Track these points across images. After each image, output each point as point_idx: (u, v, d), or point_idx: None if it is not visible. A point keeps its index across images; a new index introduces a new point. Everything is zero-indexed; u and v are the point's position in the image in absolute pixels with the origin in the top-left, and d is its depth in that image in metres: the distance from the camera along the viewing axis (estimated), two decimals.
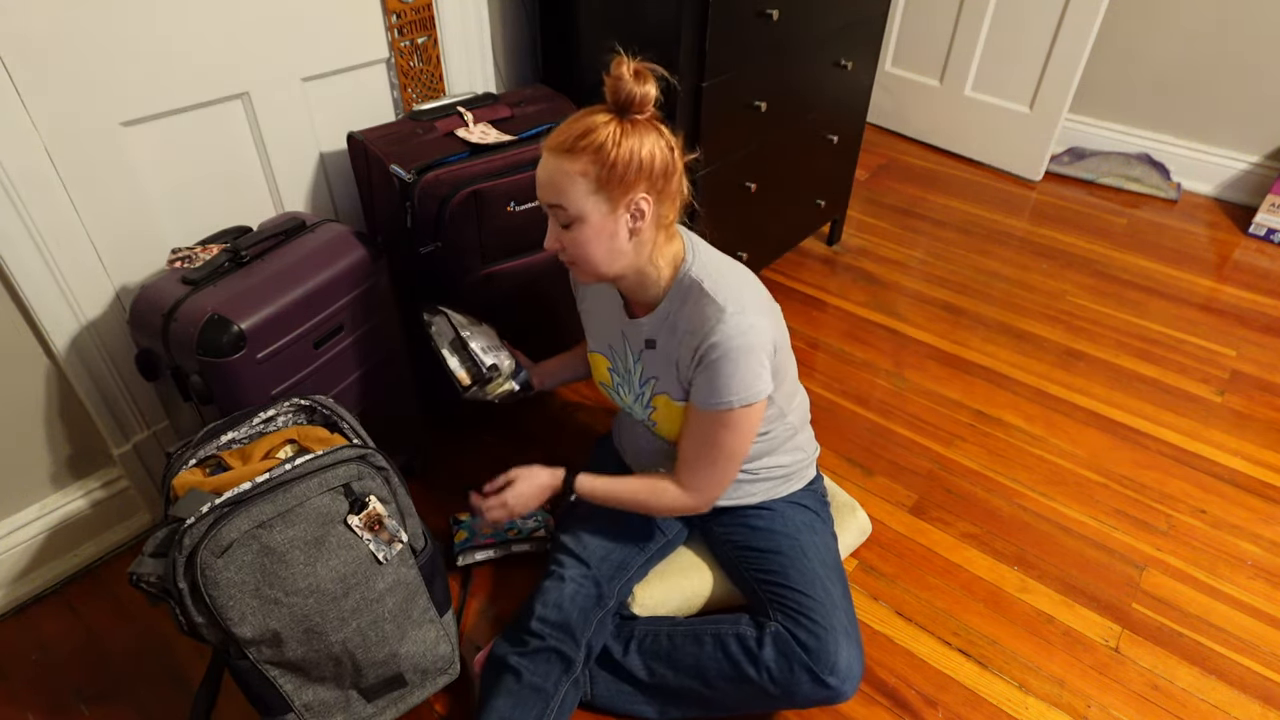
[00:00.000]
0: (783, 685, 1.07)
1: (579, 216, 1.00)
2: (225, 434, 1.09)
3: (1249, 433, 1.75)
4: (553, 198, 1.01)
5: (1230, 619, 1.38)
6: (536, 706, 1.09)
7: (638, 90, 0.95)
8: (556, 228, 1.03)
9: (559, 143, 0.99)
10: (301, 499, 0.96)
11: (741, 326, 1.01)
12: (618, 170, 0.97)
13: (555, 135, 1.00)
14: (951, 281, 2.24)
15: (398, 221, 1.38)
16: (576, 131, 0.97)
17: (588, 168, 0.97)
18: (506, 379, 1.31)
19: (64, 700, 1.23)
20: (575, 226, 1.01)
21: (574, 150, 0.97)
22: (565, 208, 1.00)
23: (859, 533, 1.44)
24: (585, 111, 0.99)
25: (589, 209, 0.99)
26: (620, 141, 0.96)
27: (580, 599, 1.16)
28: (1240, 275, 2.29)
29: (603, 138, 0.96)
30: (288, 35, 1.37)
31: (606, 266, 1.04)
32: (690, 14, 1.46)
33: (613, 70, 0.96)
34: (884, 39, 2.07)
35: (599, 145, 0.96)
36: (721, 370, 1.02)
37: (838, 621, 1.09)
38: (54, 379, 1.30)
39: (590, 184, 0.97)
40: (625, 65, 0.96)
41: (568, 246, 1.03)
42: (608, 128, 0.96)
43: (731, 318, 1.01)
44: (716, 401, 1.04)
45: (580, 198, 0.98)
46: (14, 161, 1.11)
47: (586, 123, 0.97)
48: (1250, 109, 2.50)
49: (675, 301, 1.08)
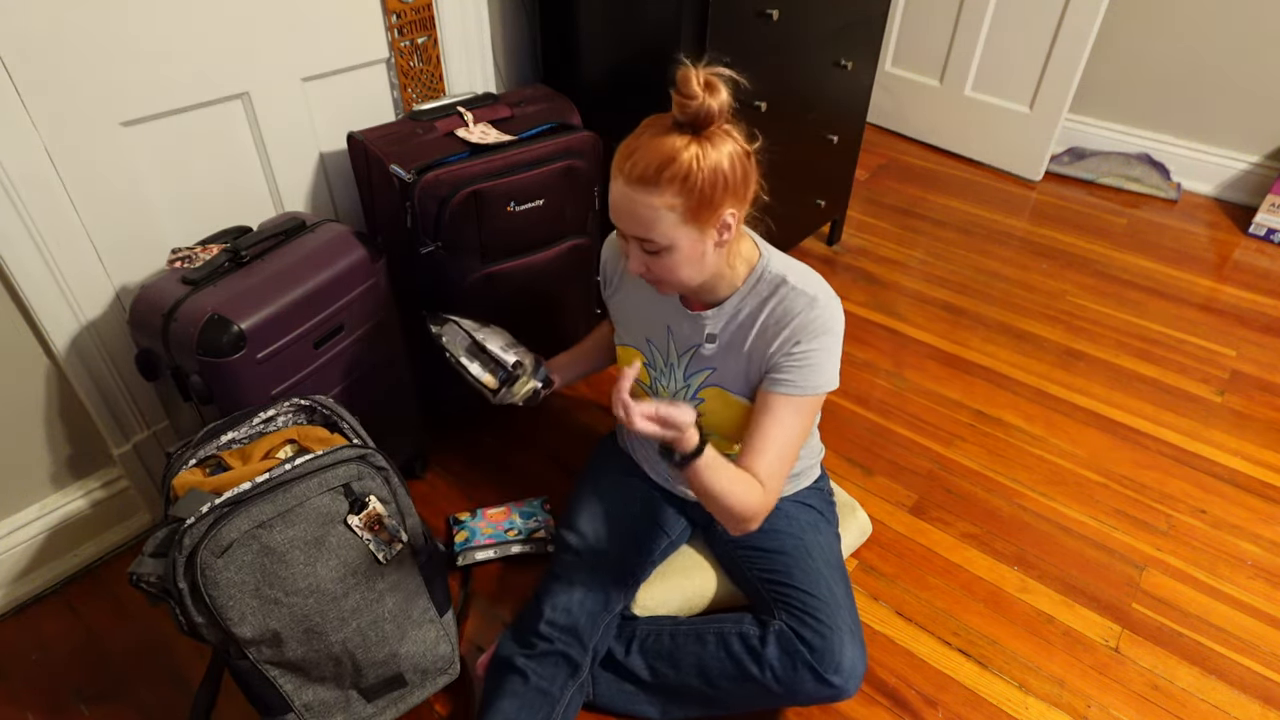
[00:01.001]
0: (786, 684, 1.07)
1: (669, 247, 0.95)
2: (225, 434, 1.08)
3: (1249, 433, 1.75)
4: (637, 231, 0.95)
5: (1230, 619, 1.38)
6: (542, 710, 1.09)
7: (714, 104, 0.89)
8: (640, 253, 0.98)
9: (638, 175, 0.91)
10: (301, 499, 0.96)
11: (832, 312, 1.03)
12: (706, 196, 0.92)
13: (630, 163, 0.92)
14: (951, 281, 2.24)
15: (398, 221, 1.38)
16: (656, 161, 0.90)
17: (675, 201, 0.92)
18: (530, 377, 1.25)
19: (64, 700, 1.23)
20: (664, 254, 0.96)
21: (657, 183, 0.91)
22: (654, 240, 0.95)
23: (859, 533, 1.44)
24: (653, 130, 0.93)
25: (679, 238, 0.95)
26: (704, 165, 0.90)
27: (589, 603, 1.16)
28: (1240, 275, 2.29)
29: (687, 166, 0.90)
30: (288, 35, 1.37)
31: (694, 282, 1.02)
32: (690, 14, 1.46)
33: (681, 87, 0.88)
34: (884, 39, 2.07)
35: (685, 175, 0.90)
36: (816, 355, 1.03)
37: (842, 620, 1.09)
38: (54, 379, 1.30)
39: (679, 216, 0.93)
40: (695, 79, 0.88)
41: (654, 269, 0.99)
42: (689, 152, 0.90)
43: (823, 306, 1.03)
44: (806, 386, 1.03)
45: (669, 229, 0.94)
46: (14, 161, 1.11)
47: (665, 150, 0.90)
48: (1250, 109, 2.50)
49: (752, 298, 1.06)
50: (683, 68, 0.89)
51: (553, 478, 1.61)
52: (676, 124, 0.92)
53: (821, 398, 1.06)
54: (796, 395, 1.04)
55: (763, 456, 1.04)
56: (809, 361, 1.03)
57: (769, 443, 1.04)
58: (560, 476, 1.61)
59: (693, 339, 1.12)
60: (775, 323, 1.05)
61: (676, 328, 1.14)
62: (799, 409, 1.05)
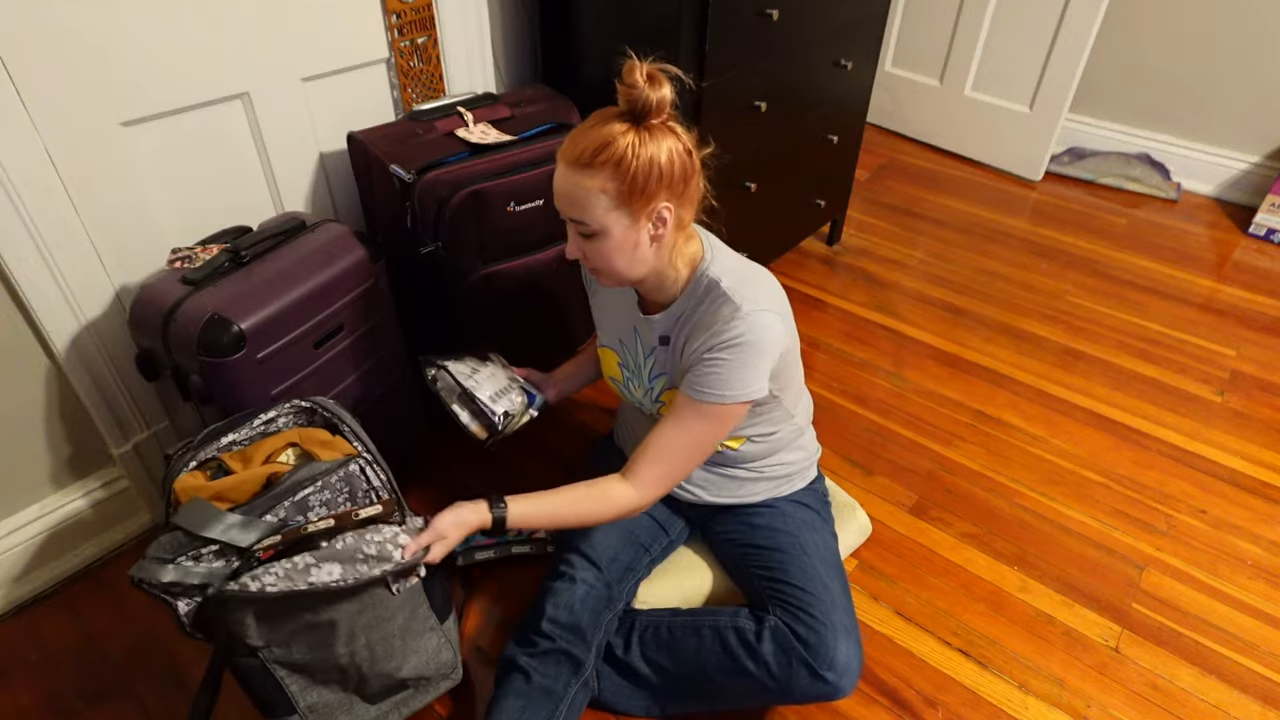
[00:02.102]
0: (780, 680, 1.07)
1: (601, 231, 0.98)
2: (226, 436, 1.08)
3: (1249, 433, 1.75)
4: (573, 213, 0.99)
5: (1230, 619, 1.38)
6: (546, 708, 1.09)
7: (654, 96, 0.92)
8: (577, 237, 1.02)
9: (575, 156, 0.95)
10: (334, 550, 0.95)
11: (755, 325, 1.01)
12: (638, 183, 0.95)
13: (570, 146, 0.96)
14: (951, 281, 2.24)
15: (398, 221, 1.38)
16: (593, 144, 0.94)
17: (607, 184, 0.95)
18: (521, 416, 1.28)
19: (64, 700, 1.23)
20: (597, 239, 0.99)
21: (591, 165, 0.94)
22: (586, 223, 0.98)
23: (859, 533, 1.44)
24: (598, 118, 0.96)
25: (611, 223, 0.98)
26: (639, 153, 0.93)
27: (591, 601, 1.16)
28: (1240, 275, 2.29)
29: (621, 151, 0.93)
30: (288, 35, 1.37)
31: (629, 273, 1.04)
32: (690, 14, 1.46)
33: (625, 76, 0.92)
34: (884, 39, 2.07)
35: (618, 159, 0.93)
36: (725, 364, 1.02)
37: (837, 618, 1.09)
38: (54, 379, 1.30)
39: (611, 200, 0.96)
40: (638, 70, 0.92)
41: (590, 256, 1.02)
42: (625, 138, 0.93)
43: (746, 316, 1.01)
44: (710, 393, 1.03)
45: (602, 213, 0.97)
46: (14, 161, 1.11)
47: (602, 134, 0.94)
48: (1250, 109, 2.50)
49: (691, 300, 1.08)
50: (628, 60, 0.93)
51: (553, 478, 1.60)
52: (620, 114, 0.95)
53: (728, 409, 1.04)
54: (697, 399, 1.04)
55: (645, 452, 1.08)
56: (716, 370, 1.02)
57: (656, 439, 1.08)
58: (560, 476, 1.60)
59: (650, 342, 1.14)
60: (698, 324, 1.06)
61: (640, 330, 1.16)
62: (699, 414, 1.05)
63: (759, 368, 1.03)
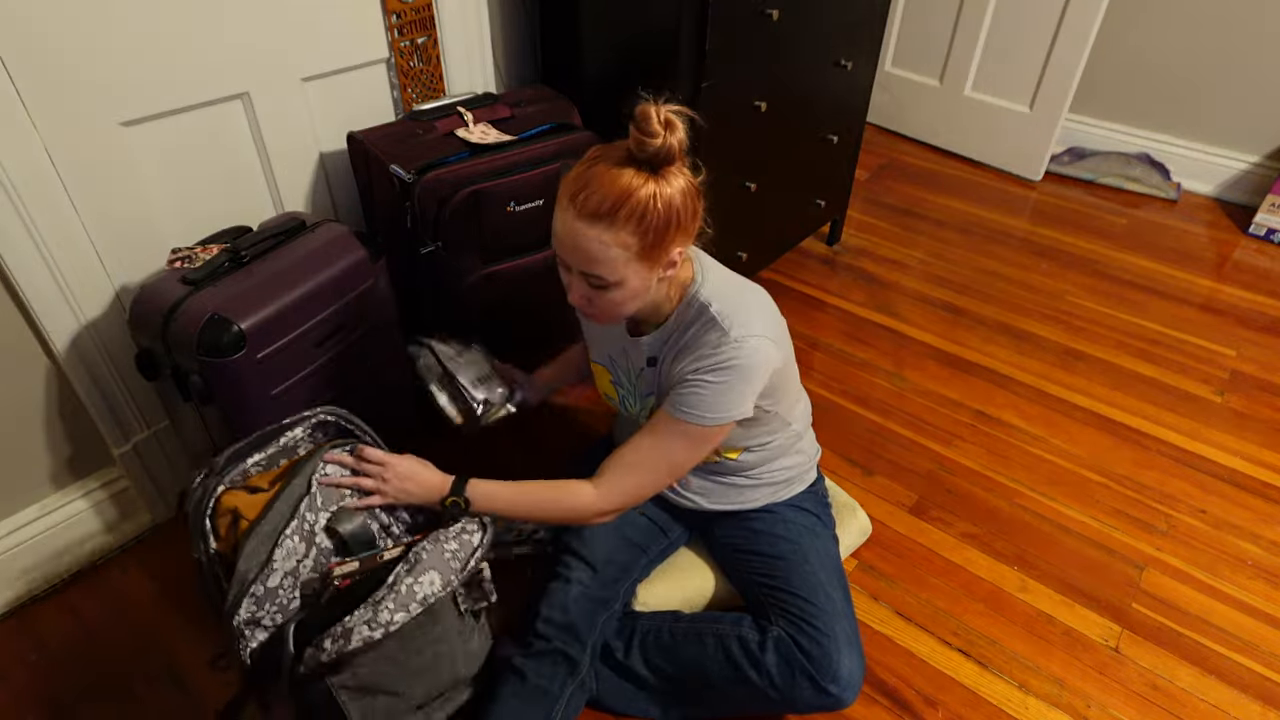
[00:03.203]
0: (783, 690, 1.07)
1: (617, 283, 0.94)
2: (251, 456, 1.05)
3: (1249, 433, 1.75)
4: (587, 266, 0.93)
5: (1230, 619, 1.38)
6: (541, 708, 1.09)
7: (674, 142, 0.88)
8: (583, 286, 0.97)
9: (591, 209, 0.89)
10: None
11: (745, 350, 1.00)
12: (659, 234, 0.91)
13: (584, 196, 0.89)
14: (951, 281, 2.24)
15: (398, 221, 1.38)
16: (611, 197, 0.88)
17: (629, 238, 0.90)
18: (501, 407, 1.25)
19: (64, 700, 1.23)
20: (611, 289, 0.95)
21: (613, 220, 0.89)
22: (603, 277, 0.94)
23: (859, 533, 1.44)
24: (610, 163, 0.90)
25: (629, 275, 0.94)
26: (660, 205, 0.89)
27: (585, 601, 1.16)
28: (1240, 275, 2.29)
29: (644, 203, 0.89)
30: (288, 35, 1.37)
31: (630, 312, 1.02)
32: (690, 14, 1.46)
33: (641, 125, 0.87)
34: (884, 39, 2.07)
35: (641, 213, 0.89)
36: (709, 386, 1.01)
37: (840, 629, 1.09)
38: (54, 379, 1.30)
39: (632, 254, 0.92)
40: (655, 117, 0.86)
41: (597, 304, 0.99)
42: (646, 189, 0.88)
43: (735, 342, 1.00)
44: (690, 413, 1.02)
45: (619, 267, 0.93)
46: (14, 161, 1.11)
47: (621, 186, 0.89)
48: (1250, 109, 2.50)
49: (680, 323, 1.06)
50: (643, 103, 0.87)
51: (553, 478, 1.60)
52: (632, 159, 0.90)
53: (707, 430, 1.04)
54: (677, 417, 1.03)
55: (617, 462, 1.08)
56: (698, 391, 1.01)
57: (630, 450, 1.07)
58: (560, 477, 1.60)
59: (639, 363, 1.13)
60: (685, 346, 1.04)
61: (629, 350, 1.15)
62: (676, 432, 1.04)
63: (743, 392, 1.02)
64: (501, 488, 1.07)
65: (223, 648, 0.95)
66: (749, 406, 1.04)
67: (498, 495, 1.07)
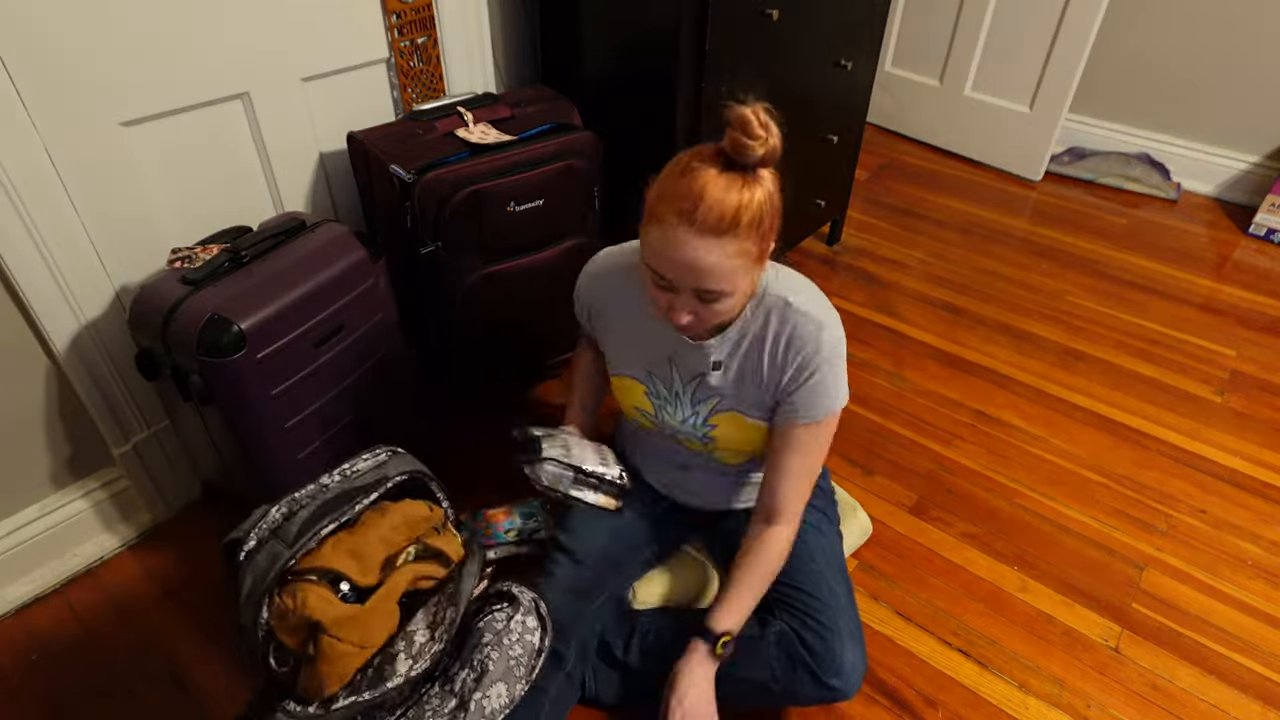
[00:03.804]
0: (785, 684, 1.07)
1: (731, 291, 0.92)
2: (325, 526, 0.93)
3: (1249, 433, 1.75)
4: (705, 282, 0.90)
5: (1230, 619, 1.38)
6: (529, 703, 1.09)
7: (776, 144, 0.87)
8: (694, 302, 0.93)
9: (713, 223, 0.86)
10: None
11: (839, 335, 1.03)
12: (769, 234, 0.91)
13: (701, 211, 0.86)
14: (951, 281, 2.24)
15: (398, 221, 1.38)
16: (732, 208, 0.86)
17: (750, 245, 0.89)
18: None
19: (64, 700, 1.23)
20: (723, 299, 0.93)
21: (735, 231, 0.87)
22: (720, 290, 0.91)
23: (860, 533, 1.44)
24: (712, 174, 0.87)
25: (743, 282, 0.93)
26: (770, 207, 0.89)
27: (566, 593, 1.16)
28: (1240, 275, 2.29)
29: (759, 209, 0.88)
30: (288, 35, 1.37)
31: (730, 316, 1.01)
32: (690, 14, 1.46)
33: (745, 129, 0.85)
34: (884, 39, 2.07)
35: (759, 220, 0.88)
36: (827, 380, 1.03)
37: (843, 623, 1.09)
38: (54, 379, 1.30)
39: (751, 260, 0.91)
40: (756, 121, 0.85)
41: (703, 316, 0.96)
42: (758, 194, 0.87)
43: (830, 329, 1.02)
44: (823, 409, 1.04)
45: (739, 277, 0.91)
46: (14, 161, 1.11)
47: (735, 194, 0.86)
48: (1250, 109, 2.50)
49: (755, 322, 1.04)
50: (741, 108, 0.86)
51: None
52: (729, 163, 0.88)
53: (836, 418, 1.08)
54: (812, 422, 1.05)
55: (787, 491, 1.08)
56: (822, 386, 1.03)
57: (793, 475, 1.08)
58: None
59: (698, 368, 1.10)
60: (785, 349, 1.03)
61: (679, 358, 1.11)
62: (819, 434, 1.07)
63: (844, 371, 1.05)
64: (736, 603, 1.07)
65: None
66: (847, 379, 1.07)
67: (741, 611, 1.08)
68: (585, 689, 1.19)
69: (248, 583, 0.89)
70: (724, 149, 0.88)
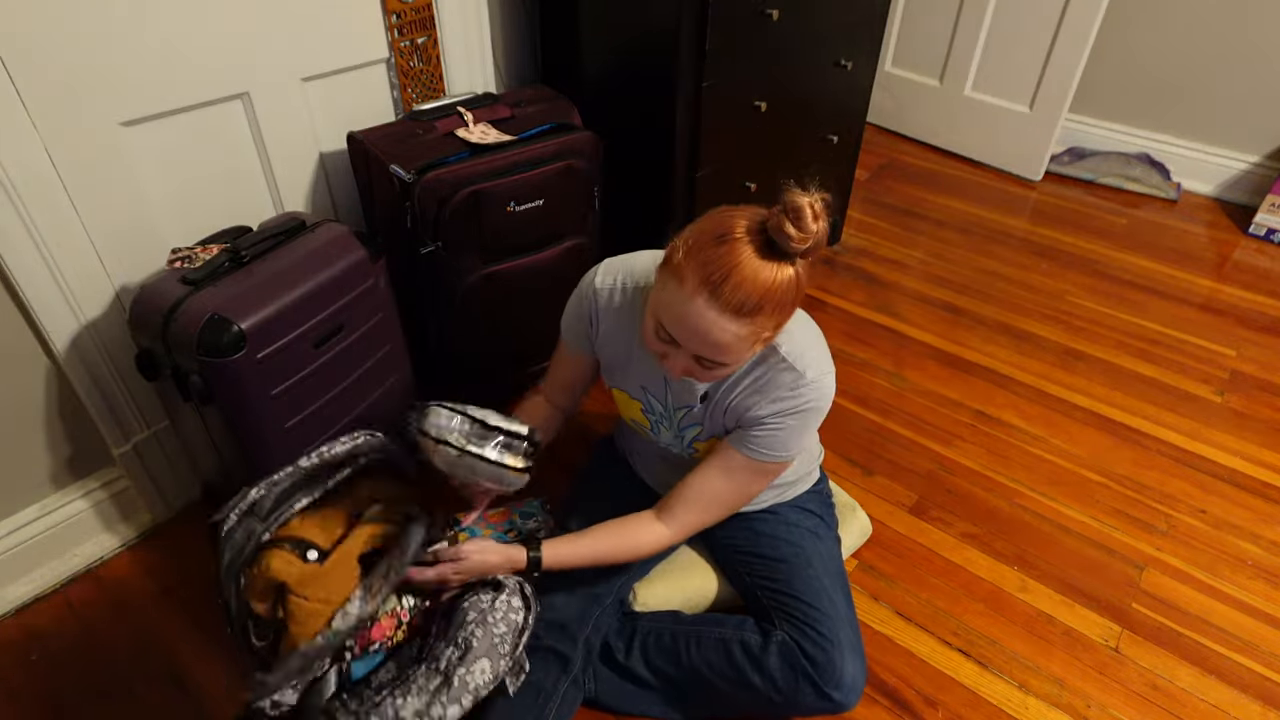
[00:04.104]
0: (786, 694, 1.08)
1: (736, 364, 0.93)
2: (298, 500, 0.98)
3: (1249, 433, 1.75)
4: (711, 354, 0.89)
5: (1230, 619, 1.38)
6: (536, 706, 1.09)
7: (822, 232, 0.84)
8: (690, 362, 0.93)
9: (736, 304, 0.84)
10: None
11: (820, 390, 1.01)
12: (790, 311, 0.91)
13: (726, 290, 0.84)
14: (951, 281, 2.24)
15: (398, 221, 1.38)
16: (758, 294, 0.84)
17: (766, 329, 0.89)
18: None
19: (64, 700, 1.23)
20: (722, 368, 0.94)
21: (756, 314, 0.86)
22: (725, 363, 0.91)
23: (859, 533, 1.44)
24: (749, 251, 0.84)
25: (747, 355, 0.93)
26: (795, 290, 0.87)
27: (577, 598, 1.16)
28: (1240, 275, 2.29)
29: (783, 293, 0.86)
30: (288, 35, 1.37)
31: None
32: (690, 14, 1.46)
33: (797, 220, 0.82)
34: (884, 39, 2.07)
35: (780, 305, 0.87)
36: (789, 429, 1.02)
37: (844, 635, 1.09)
38: (54, 379, 1.30)
39: (762, 338, 0.91)
40: (810, 212, 0.82)
41: (701, 377, 0.97)
42: (789, 279, 0.85)
43: (811, 383, 1.00)
44: (770, 454, 1.04)
45: (748, 350, 0.91)
46: (14, 161, 1.11)
47: (765, 281, 0.84)
48: (1250, 109, 2.50)
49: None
50: (799, 196, 0.83)
51: (553, 478, 1.60)
52: (770, 245, 0.85)
53: (781, 466, 1.06)
54: (755, 459, 1.04)
55: (691, 506, 1.08)
56: (778, 433, 1.02)
57: (700, 486, 1.07)
58: (560, 477, 1.60)
59: (685, 398, 1.10)
60: (755, 391, 1.03)
61: (672, 384, 1.11)
62: (752, 470, 1.06)
63: (815, 426, 1.04)
64: (571, 545, 1.08)
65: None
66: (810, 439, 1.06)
67: (571, 554, 1.08)
68: (586, 690, 1.19)
69: (225, 559, 0.92)
70: (768, 228, 0.85)
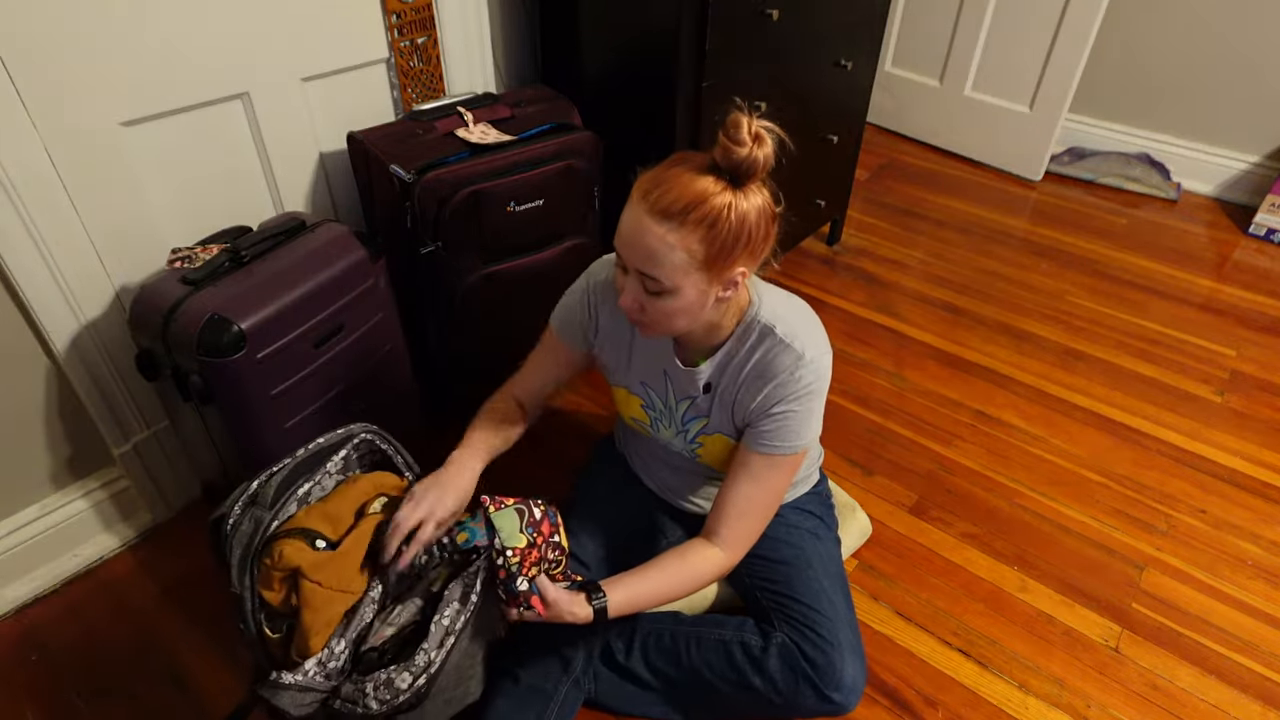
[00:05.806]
0: (786, 696, 1.08)
1: (672, 289, 0.90)
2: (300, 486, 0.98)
3: (1249, 433, 1.75)
4: (645, 265, 0.89)
5: (1230, 619, 1.38)
6: (536, 707, 1.09)
7: (760, 156, 0.84)
8: (638, 289, 0.92)
9: (663, 206, 0.86)
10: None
11: (817, 371, 1.00)
12: (726, 247, 0.88)
13: (657, 193, 0.87)
14: (951, 281, 2.24)
15: (398, 221, 1.38)
16: (685, 199, 0.85)
17: (694, 244, 0.87)
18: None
19: (64, 700, 1.23)
20: (665, 296, 0.91)
21: (683, 221, 0.86)
22: (659, 279, 0.89)
23: (859, 533, 1.44)
24: (688, 166, 0.87)
25: (686, 284, 0.90)
26: (733, 216, 0.86)
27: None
28: (1240, 275, 2.29)
29: (717, 211, 0.85)
30: (288, 35, 1.37)
31: (682, 329, 0.98)
32: (690, 14, 1.46)
33: (731, 132, 0.84)
34: (884, 39, 2.07)
35: (712, 220, 0.85)
36: (796, 415, 1.01)
37: (844, 637, 1.09)
38: (54, 379, 1.30)
39: (693, 261, 0.88)
40: (746, 126, 0.83)
41: (649, 311, 0.94)
42: (722, 198, 0.85)
43: (810, 363, 0.99)
44: (785, 445, 1.02)
45: (678, 273, 0.89)
46: (14, 161, 1.11)
47: (697, 189, 0.85)
48: (1250, 109, 2.50)
49: (740, 345, 1.04)
50: (735, 111, 0.84)
51: (554, 478, 1.61)
52: (714, 167, 0.87)
53: (800, 456, 1.05)
54: (772, 454, 1.04)
55: (733, 520, 1.05)
56: (787, 422, 1.01)
57: (735, 498, 1.05)
58: (561, 477, 1.61)
59: (686, 390, 1.10)
60: (758, 377, 1.02)
61: (673, 376, 1.11)
62: (774, 467, 1.05)
63: (821, 409, 1.04)
64: (637, 587, 1.02)
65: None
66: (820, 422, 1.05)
67: (637, 598, 1.03)
68: (586, 691, 1.19)
69: (237, 552, 0.92)
70: (714, 155, 0.87)
